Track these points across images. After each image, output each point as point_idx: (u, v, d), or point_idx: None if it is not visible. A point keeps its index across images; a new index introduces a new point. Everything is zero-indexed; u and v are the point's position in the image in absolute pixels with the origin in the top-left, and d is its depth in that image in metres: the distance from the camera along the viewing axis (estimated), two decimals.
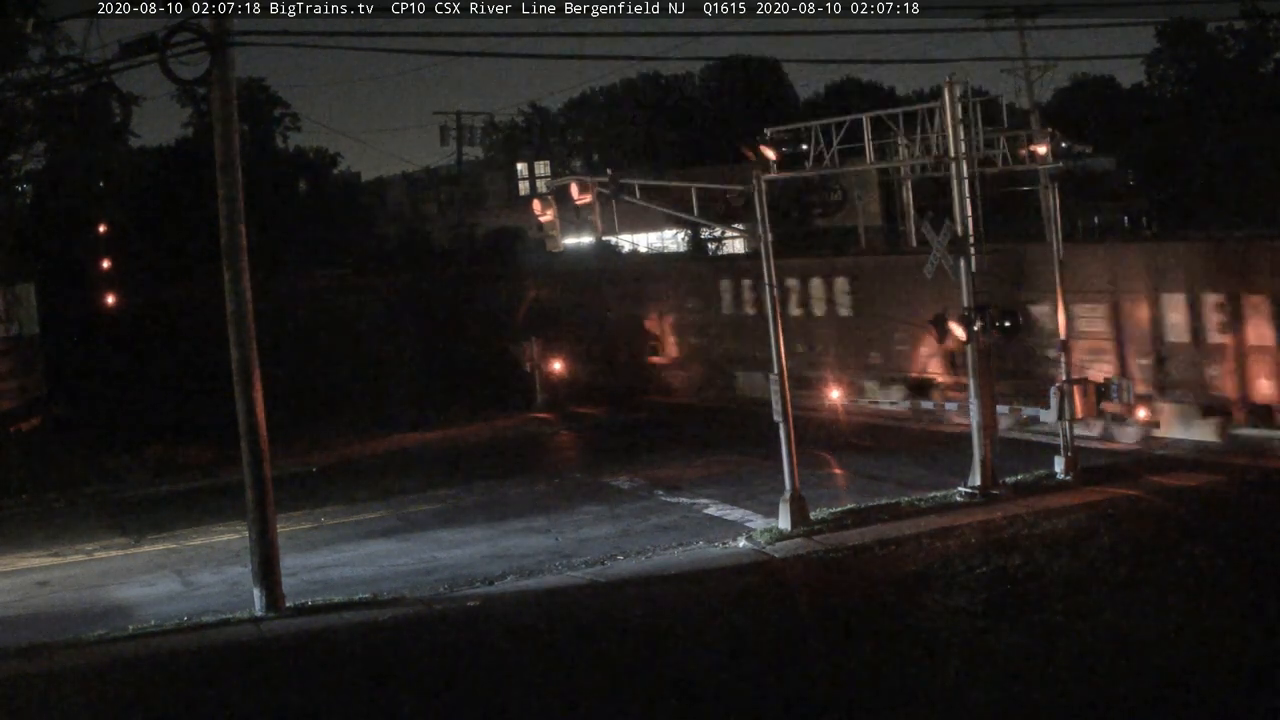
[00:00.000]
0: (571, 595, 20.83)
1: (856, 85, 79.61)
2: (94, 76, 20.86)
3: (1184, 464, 26.65)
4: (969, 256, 25.30)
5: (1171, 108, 67.36)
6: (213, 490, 31.95)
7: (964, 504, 24.70)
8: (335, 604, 21.12)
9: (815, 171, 26.35)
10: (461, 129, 69.38)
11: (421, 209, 78.56)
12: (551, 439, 38.11)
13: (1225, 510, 22.82)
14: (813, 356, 39.22)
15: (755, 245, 26.07)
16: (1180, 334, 29.31)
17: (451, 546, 25.05)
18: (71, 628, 20.67)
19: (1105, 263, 31.95)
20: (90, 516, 30.57)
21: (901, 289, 34.99)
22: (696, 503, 27.28)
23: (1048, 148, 26.13)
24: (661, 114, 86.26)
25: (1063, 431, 25.99)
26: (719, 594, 20.37)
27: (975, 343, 25.28)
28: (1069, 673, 15.99)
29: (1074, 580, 19.53)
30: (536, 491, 29.86)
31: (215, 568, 24.72)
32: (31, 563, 26.32)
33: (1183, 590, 18.73)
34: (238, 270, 21.11)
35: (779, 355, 24.51)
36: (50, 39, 38.65)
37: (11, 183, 48.62)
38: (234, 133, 21.10)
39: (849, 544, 22.62)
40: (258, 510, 21.13)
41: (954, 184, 25.48)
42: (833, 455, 30.62)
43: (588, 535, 25.11)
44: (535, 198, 27.77)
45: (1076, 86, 75.08)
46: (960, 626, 18.02)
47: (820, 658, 17.39)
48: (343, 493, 30.94)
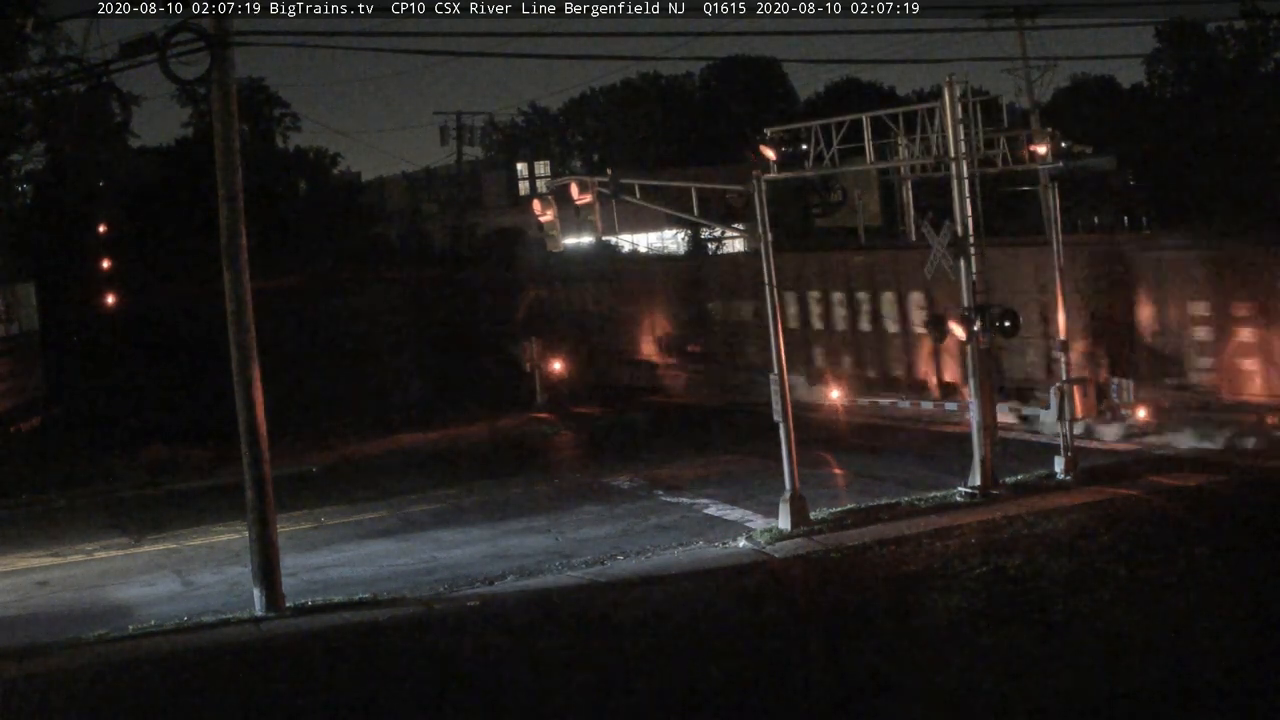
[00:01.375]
0: (571, 595, 20.83)
1: (856, 85, 79.68)
2: (94, 76, 20.90)
3: (1184, 464, 26.66)
4: (969, 256, 25.31)
5: (1171, 108, 67.34)
6: (213, 490, 31.97)
7: (964, 504, 24.71)
8: (335, 604, 21.13)
9: (815, 171, 26.35)
10: (461, 129, 69.46)
11: (421, 209, 78.60)
12: (551, 439, 38.11)
13: (1225, 510, 22.82)
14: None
15: (755, 245, 26.08)
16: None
17: (451, 546, 25.05)
18: (71, 628, 20.67)
19: (1033, 265, 32.62)
20: (90, 516, 30.58)
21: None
22: (696, 503, 27.28)
23: (1048, 148, 26.11)
24: (661, 114, 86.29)
25: (1062, 431, 25.99)
26: (719, 594, 20.38)
27: (975, 343, 25.29)
28: (1069, 673, 15.98)
29: (1074, 580, 19.52)
30: (536, 491, 29.87)
31: (215, 568, 24.72)
32: (31, 563, 26.33)
33: (1183, 590, 18.72)
34: (238, 270, 21.11)
35: (779, 355, 24.52)
36: (50, 39, 38.72)
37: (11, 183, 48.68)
38: (234, 133, 21.11)
39: (849, 544, 22.62)
40: (258, 510, 21.13)
41: (954, 184, 25.49)
42: (833, 455, 30.64)
43: (588, 535, 25.12)
44: (535, 198, 27.76)
45: (1076, 86, 75.08)
46: (960, 626, 18.01)
47: (820, 658, 17.38)
48: (343, 493, 30.96)
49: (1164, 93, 71.85)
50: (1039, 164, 26.61)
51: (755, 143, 25.84)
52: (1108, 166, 28.59)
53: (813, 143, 25.83)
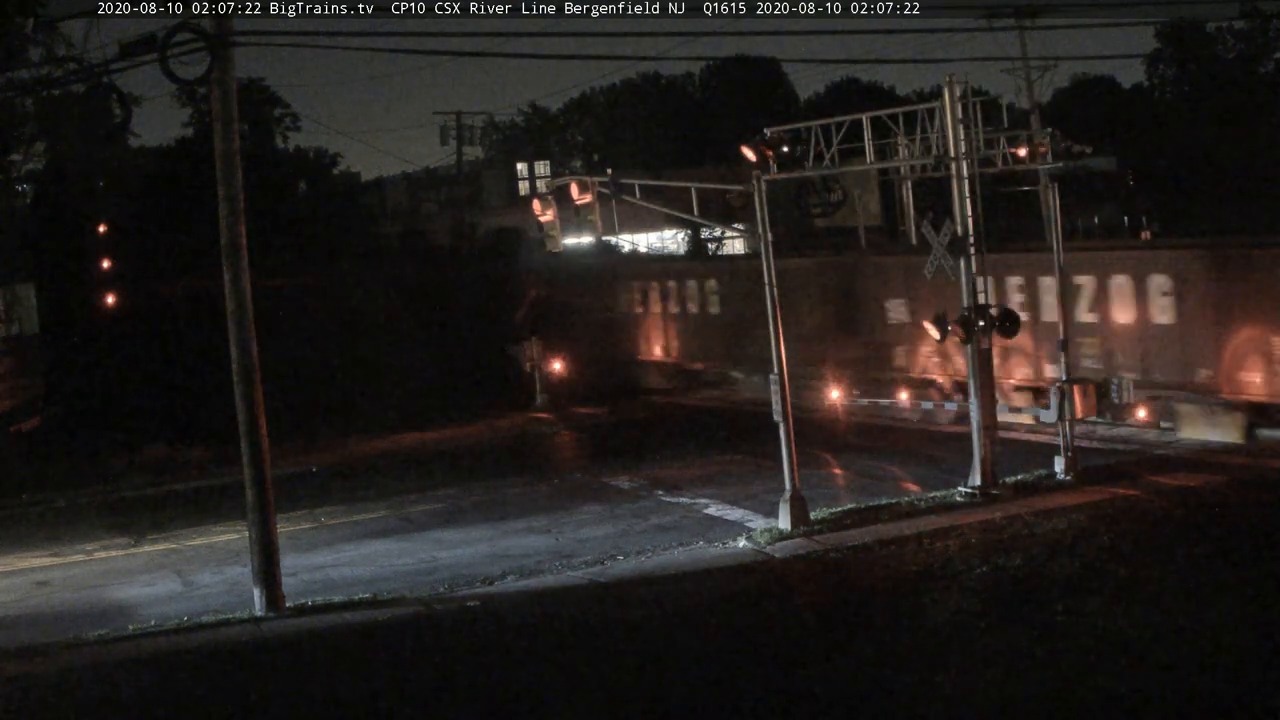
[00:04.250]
0: (571, 595, 20.84)
1: (856, 85, 79.68)
2: (94, 76, 20.84)
3: (1184, 464, 26.66)
4: (969, 256, 25.30)
5: (1171, 108, 67.38)
6: (213, 490, 31.98)
7: (964, 504, 24.70)
8: (335, 604, 21.13)
9: (815, 171, 26.34)
10: (461, 129, 69.56)
11: (421, 209, 78.57)
12: (551, 439, 38.11)
13: (1225, 510, 22.82)
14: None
15: (755, 245, 26.07)
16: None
17: (451, 546, 25.05)
18: (71, 628, 20.68)
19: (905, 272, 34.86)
20: (90, 516, 30.60)
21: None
22: (696, 503, 27.28)
23: (1048, 148, 26.11)
24: (661, 114, 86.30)
25: (1062, 431, 25.98)
26: (719, 594, 20.38)
27: (975, 343, 25.28)
28: (1069, 673, 15.97)
29: (1074, 580, 19.52)
30: (536, 491, 29.87)
31: (215, 568, 24.73)
32: (31, 563, 26.34)
33: (1183, 590, 18.71)
34: (238, 270, 21.11)
35: (779, 355, 24.51)
36: (50, 39, 38.72)
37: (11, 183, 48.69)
38: (234, 133, 21.11)
39: (849, 544, 22.62)
40: (258, 510, 21.14)
41: (954, 184, 25.48)
42: (833, 455, 30.63)
43: (588, 535, 25.12)
44: (535, 198, 27.77)
45: (1076, 86, 75.10)
46: (960, 626, 18.00)
47: (820, 658, 17.37)
48: (343, 493, 30.96)
49: (1164, 93, 71.88)
50: (1039, 164, 26.61)
51: (751, 143, 25.76)
52: (1108, 166, 28.53)
53: (813, 143, 25.82)
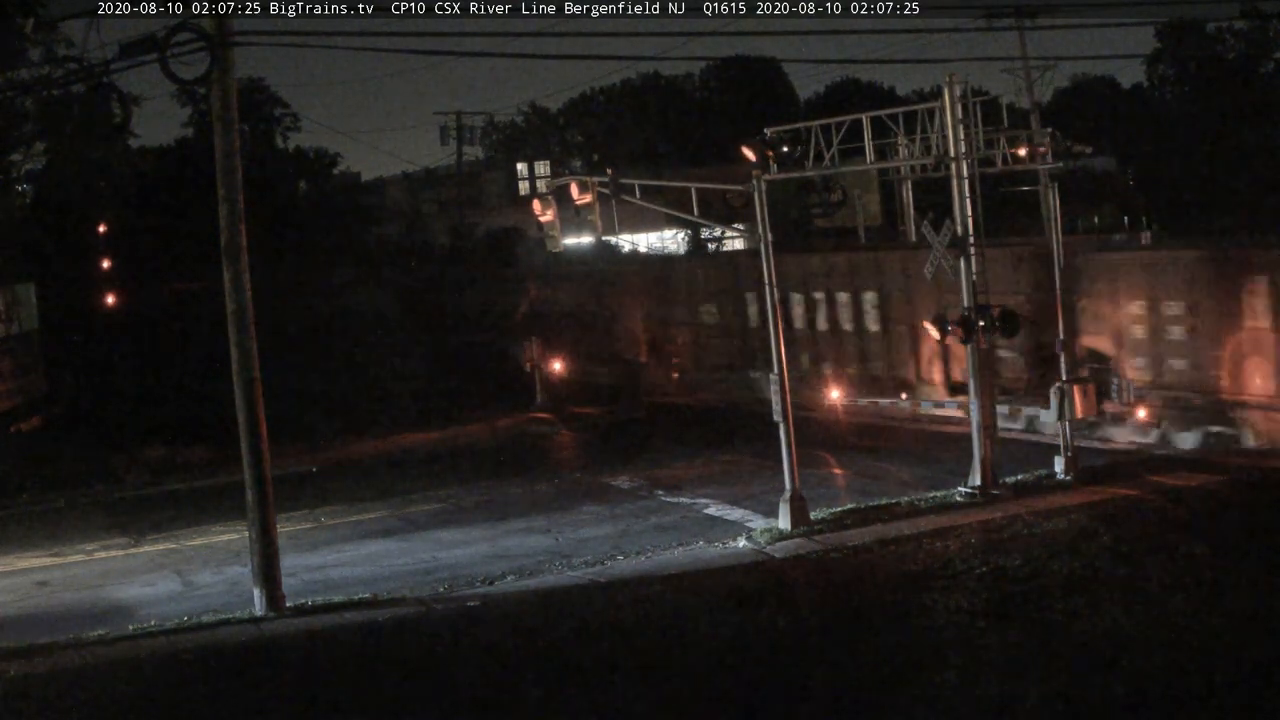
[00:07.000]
0: (571, 595, 20.83)
1: (856, 85, 79.71)
2: (94, 76, 20.82)
3: (1184, 464, 26.67)
4: (969, 256, 25.30)
5: (1171, 108, 67.36)
6: (213, 490, 31.93)
7: (964, 504, 24.71)
8: (335, 604, 21.13)
9: (815, 171, 26.34)
10: (461, 129, 69.48)
11: (421, 209, 78.51)
12: (551, 439, 38.08)
13: (1225, 510, 22.82)
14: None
15: (755, 245, 26.07)
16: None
17: (451, 546, 25.05)
18: (71, 628, 20.66)
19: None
20: (90, 516, 30.56)
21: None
22: (696, 503, 27.28)
23: (1048, 148, 26.12)
24: (661, 114, 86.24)
25: (1062, 431, 25.99)
26: (719, 594, 20.37)
27: (975, 343, 25.28)
28: (1069, 673, 15.98)
29: (1074, 580, 19.53)
30: (536, 491, 29.86)
31: (215, 568, 24.72)
32: (31, 563, 26.33)
33: (1183, 590, 18.72)
34: (238, 270, 21.11)
35: (779, 355, 24.52)
36: (50, 39, 38.71)
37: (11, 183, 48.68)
38: (234, 133, 21.10)
39: (849, 544, 22.62)
40: (258, 510, 21.13)
41: (954, 184, 25.49)
42: (833, 455, 30.62)
43: (588, 535, 25.11)
44: (535, 198, 27.76)
45: (1076, 86, 75.12)
46: (960, 626, 18.01)
47: (820, 658, 17.38)
48: (343, 493, 30.92)
49: (1164, 93, 71.85)
50: (1039, 164, 26.62)
51: (751, 143, 25.76)
52: (1108, 167, 28.57)
53: (813, 143, 25.82)
